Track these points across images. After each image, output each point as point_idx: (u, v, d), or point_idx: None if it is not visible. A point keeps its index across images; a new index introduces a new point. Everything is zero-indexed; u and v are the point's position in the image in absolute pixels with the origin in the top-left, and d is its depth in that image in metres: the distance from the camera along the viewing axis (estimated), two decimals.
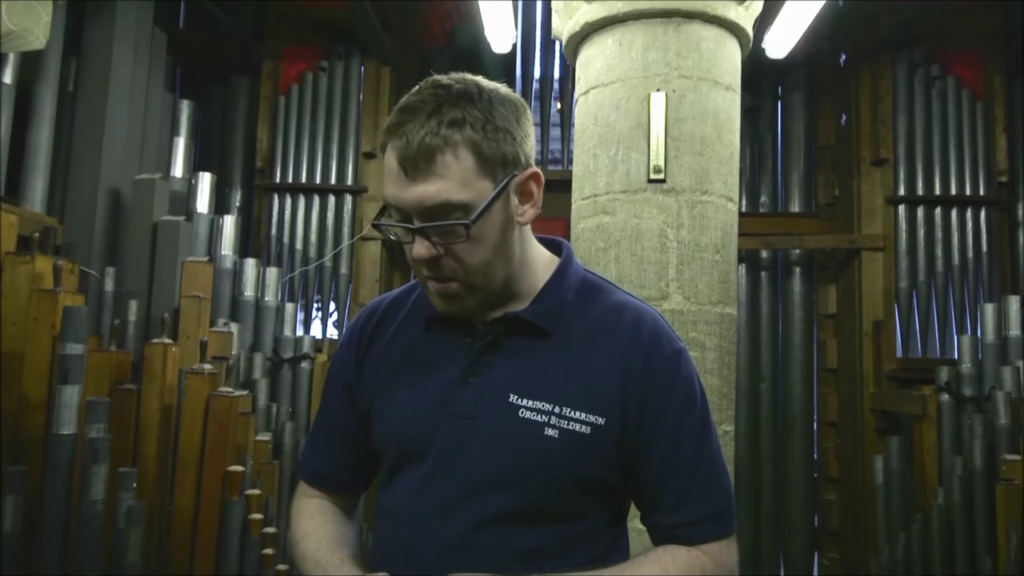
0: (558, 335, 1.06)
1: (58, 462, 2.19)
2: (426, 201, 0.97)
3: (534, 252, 1.11)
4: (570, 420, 1.02)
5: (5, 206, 2.58)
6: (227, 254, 3.30)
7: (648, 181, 2.42)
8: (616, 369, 1.05)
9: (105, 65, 3.21)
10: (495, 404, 1.04)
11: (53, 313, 2.37)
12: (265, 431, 3.11)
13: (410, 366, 1.12)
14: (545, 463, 1.02)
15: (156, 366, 2.58)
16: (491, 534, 1.02)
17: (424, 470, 1.07)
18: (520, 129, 1.02)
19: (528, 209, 1.05)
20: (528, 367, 1.05)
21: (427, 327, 1.12)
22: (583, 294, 1.11)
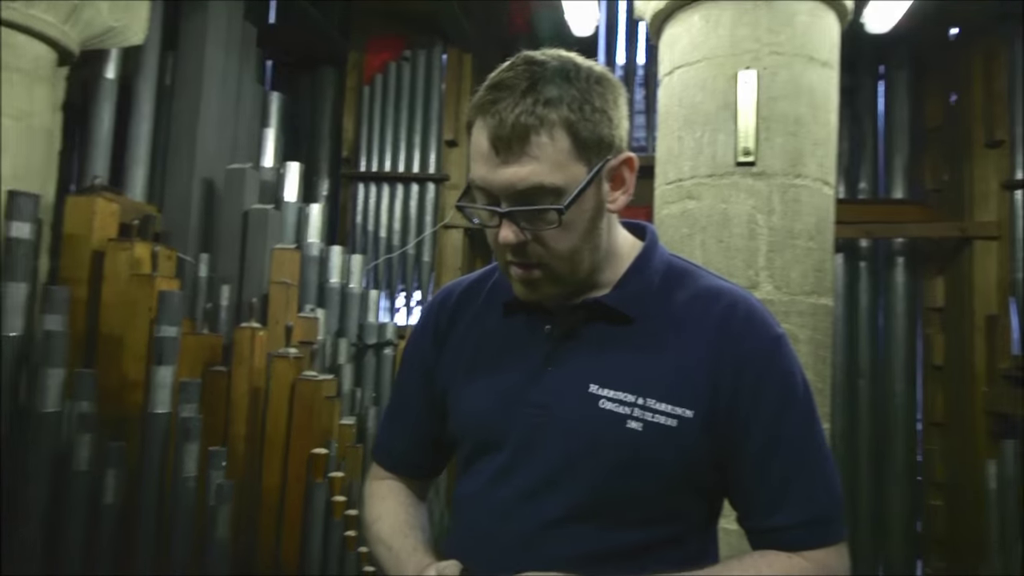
0: (642, 322, 1.00)
1: (153, 439, 2.29)
2: (517, 184, 0.92)
3: (619, 238, 1.06)
4: (655, 412, 0.95)
5: (108, 195, 2.71)
6: (314, 242, 3.38)
7: (736, 164, 2.31)
8: (705, 358, 0.97)
9: (199, 59, 3.33)
10: (574, 394, 0.99)
11: (150, 297, 2.47)
12: (349, 415, 3.17)
13: (487, 354, 1.08)
14: (627, 458, 0.96)
15: (245, 349, 2.66)
16: (567, 531, 0.97)
17: (500, 461, 1.03)
18: (617, 111, 0.97)
19: (619, 196, 0.99)
20: (610, 356, 1.00)
21: (505, 313, 1.08)
22: (669, 279, 1.04)
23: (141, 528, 2.23)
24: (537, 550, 0.97)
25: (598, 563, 0.96)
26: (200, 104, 3.31)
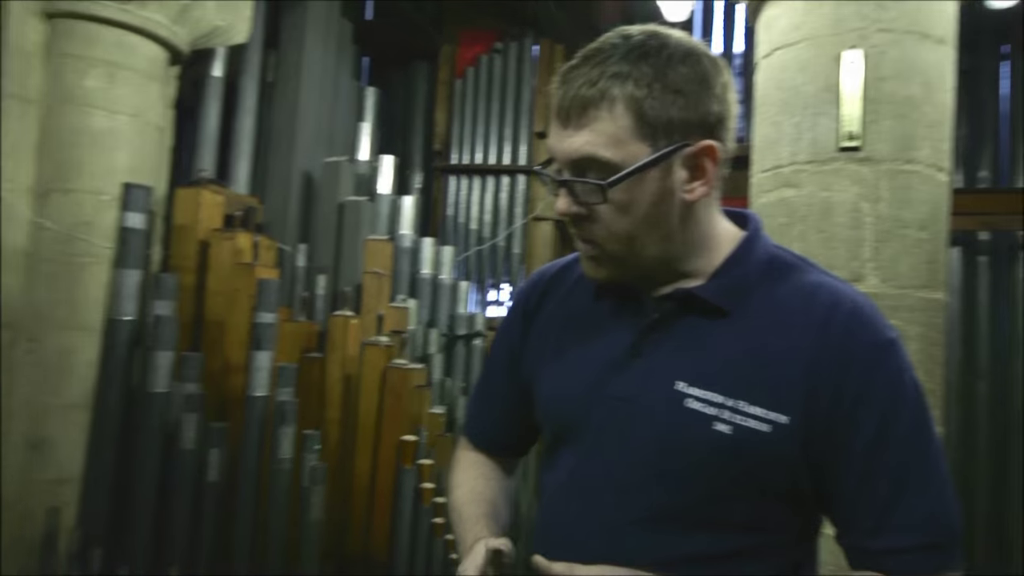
0: (738, 317, 0.93)
1: (253, 421, 2.39)
2: (572, 153, 0.90)
3: (716, 227, 0.98)
4: (747, 416, 0.88)
5: (213, 187, 2.85)
6: (406, 233, 3.44)
7: (839, 149, 2.18)
8: (804, 359, 0.89)
9: (299, 57, 3.44)
10: (658, 390, 0.93)
11: (251, 285, 2.58)
12: (439, 404, 3.21)
13: (572, 339, 1.03)
14: (712, 462, 0.90)
15: (339, 337, 2.74)
16: (645, 533, 0.93)
17: (579, 453, 0.99)
18: (702, 94, 0.89)
19: (698, 186, 0.92)
20: (700, 352, 0.93)
21: (596, 297, 1.03)
22: (770, 272, 0.96)
23: (240, 505, 2.33)
24: (617, 548, 0.94)
25: (678, 567, 0.91)
26: (299, 100, 3.43)
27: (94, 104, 2.61)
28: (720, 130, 0.92)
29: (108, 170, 2.60)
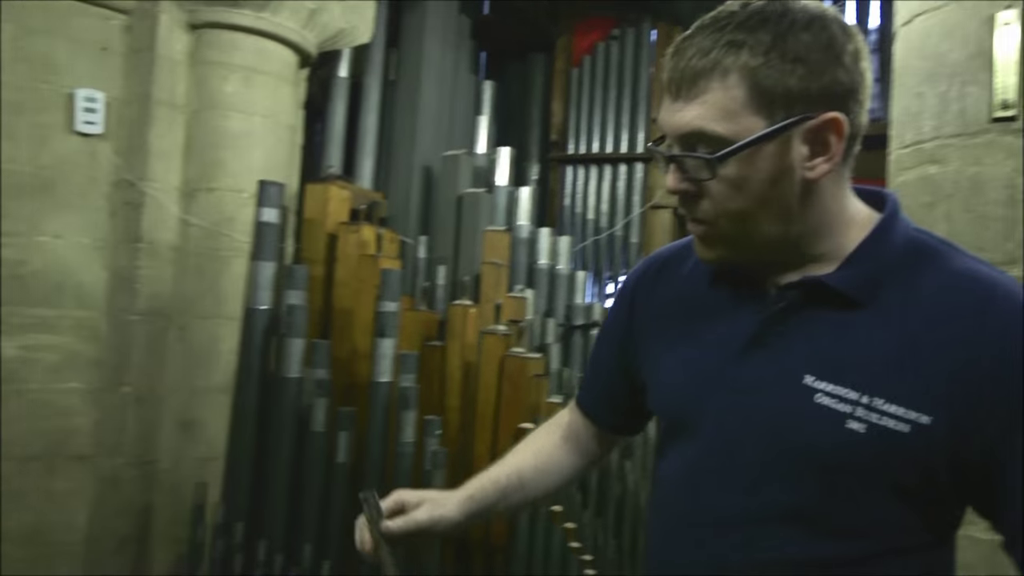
0: (873, 308, 0.85)
1: (377, 406, 2.48)
2: (682, 127, 0.85)
3: (846, 208, 0.90)
4: (883, 415, 0.81)
5: (340, 183, 2.98)
6: (524, 224, 3.46)
7: (991, 120, 1.99)
8: (953, 356, 0.81)
9: (418, 54, 3.54)
10: (785, 384, 0.87)
11: (375, 276, 2.67)
12: (557, 394, 3.21)
13: (688, 327, 0.98)
14: (843, 463, 0.84)
15: (458, 326, 2.79)
16: (765, 533, 0.88)
17: (697, 447, 0.94)
18: (827, 62, 0.82)
19: (820, 163, 0.85)
20: (831, 344, 0.86)
21: (712, 283, 0.97)
22: (911, 259, 0.88)
23: (367, 487, 2.43)
24: (735, 551, 0.89)
25: (800, 570, 0.87)
26: (420, 96, 3.52)
27: (233, 107, 2.79)
28: (849, 102, 0.84)
29: (246, 169, 2.77)
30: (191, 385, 2.74)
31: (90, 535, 2.63)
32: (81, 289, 2.63)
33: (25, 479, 2.54)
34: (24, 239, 2.52)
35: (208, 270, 2.76)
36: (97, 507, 2.65)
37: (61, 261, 2.59)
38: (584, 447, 1.20)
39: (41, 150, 2.54)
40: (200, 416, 2.74)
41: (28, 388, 2.53)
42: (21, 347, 2.52)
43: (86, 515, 2.64)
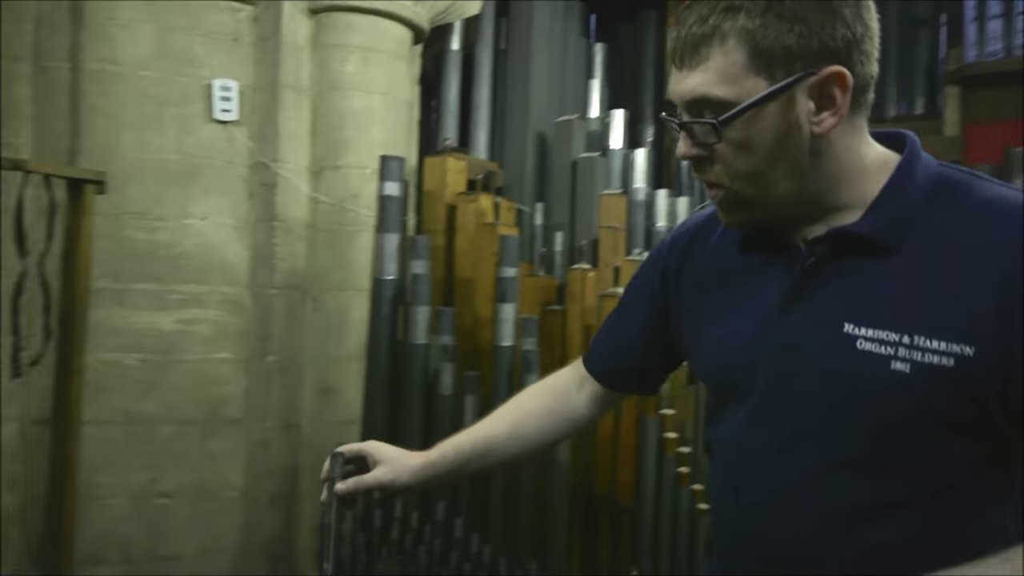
0: (904, 250, 0.86)
1: (501, 370, 2.53)
2: (686, 95, 0.87)
3: (864, 156, 0.91)
4: (925, 351, 0.82)
5: (457, 155, 3.04)
6: (640, 187, 3.41)
7: None
8: (990, 283, 0.81)
9: (528, 22, 3.53)
10: (826, 334, 0.88)
11: (494, 243, 2.72)
12: None
13: (725, 291, 1.00)
14: (892, 404, 0.84)
15: (577, 290, 2.80)
16: (827, 484, 0.88)
17: (748, 408, 0.96)
18: (824, 18, 0.83)
19: (827, 117, 0.86)
20: (866, 290, 0.87)
21: (742, 248, 0.99)
22: (937, 195, 0.88)
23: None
24: (795, 504, 0.90)
25: (864, 515, 0.87)
26: (531, 64, 3.52)
27: (353, 87, 2.91)
28: (852, 54, 0.85)
29: (368, 146, 2.88)
30: (327, 353, 2.91)
31: (246, 492, 2.87)
32: (226, 266, 2.84)
33: (187, 441, 2.79)
34: (175, 222, 2.75)
35: (337, 244, 2.90)
36: (250, 467, 2.87)
37: (208, 241, 2.80)
38: (573, 413, 1.23)
39: (186, 139, 2.75)
40: (337, 382, 2.91)
41: (186, 359, 2.77)
42: (178, 321, 2.76)
43: (241, 474, 2.87)
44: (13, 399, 2.59)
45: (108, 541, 2.67)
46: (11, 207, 2.30)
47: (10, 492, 2.63)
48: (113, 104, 2.64)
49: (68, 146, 2.62)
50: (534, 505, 2.30)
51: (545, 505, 2.26)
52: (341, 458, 1.10)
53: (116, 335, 2.65)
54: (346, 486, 1.09)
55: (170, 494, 2.76)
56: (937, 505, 0.86)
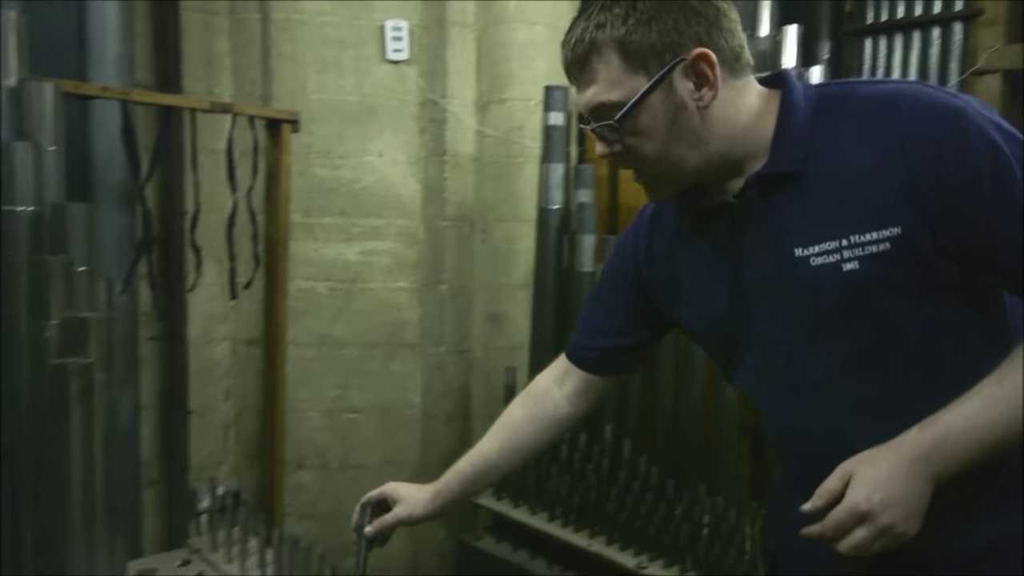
0: (812, 168, 0.99)
1: None
2: (587, 105, 1.01)
3: (751, 109, 1.02)
4: (865, 245, 0.94)
5: None
6: None
7: None
8: (887, 168, 0.94)
9: None
10: (783, 266, 1.00)
11: None
12: None
13: (691, 263, 1.13)
14: (858, 297, 0.96)
15: None
16: (841, 384, 1.01)
17: (753, 352, 1.08)
18: (676, 11, 0.96)
19: (706, 92, 0.98)
20: (797, 215, 1.00)
21: (693, 221, 1.12)
22: (823, 112, 1.00)
23: (660, 375, 2.52)
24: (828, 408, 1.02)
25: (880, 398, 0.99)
26: None
27: (516, 20, 2.92)
28: (712, 33, 0.97)
29: (532, 78, 2.91)
30: (495, 282, 3.03)
31: (423, 411, 3.09)
32: (401, 201, 3.01)
33: (370, 363, 3.04)
34: (356, 160, 2.94)
35: (503, 176, 2.98)
36: (426, 388, 3.09)
37: (384, 177, 2.98)
38: (556, 413, 1.33)
39: (363, 80, 2.91)
40: (505, 310, 3.03)
41: (369, 287, 2.99)
42: (361, 252, 2.98)
43: (419, 394, 3.09)
44: (224, 322, 2.93)
45: (307, 449, 2.99)
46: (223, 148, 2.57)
47: (225, 403, 3.00)
48: (299, 50, 2.84)
49: (261, 92, 2.86)
50: (703, 434, 2.32)
51: (713, 435, 2.27)
52: (368, 508, 1.32)
53: (309, 265, 2.91)
54: (373, 528, 1.30)
55: (358, 410, 3.04)
56: (939, 367, 0.98)
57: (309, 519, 3.00)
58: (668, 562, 2.19)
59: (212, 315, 2.88)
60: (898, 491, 0.89)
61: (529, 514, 2.57)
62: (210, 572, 1.93)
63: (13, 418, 1.54)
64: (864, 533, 0.89)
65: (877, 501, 0.88)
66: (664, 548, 2.20)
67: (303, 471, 3.00)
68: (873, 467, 0.91)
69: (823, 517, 0.92)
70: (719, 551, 2.09)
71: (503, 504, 2.63)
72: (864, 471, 0.91)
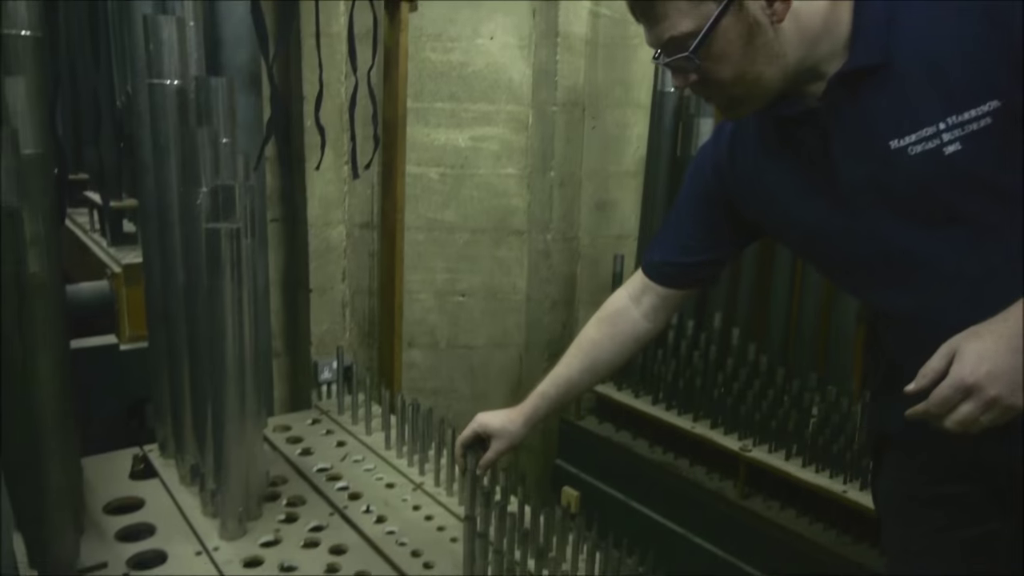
0: (897, 59, 0.98)
1: None
2: (659, 42, 1.01)
3: (823, 11, 1.01)
4: (964, 125, 0.93)
5: None
6: None
7: None
8: (976, 40, 0.92)
9: None
10: (883, 161, 0.99)
11: None
12: None
13: (780, 175, 1.12)
14: (967, 179, 0.96)
15: None
16: (960, 270, 1.00)
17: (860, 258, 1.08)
18: None
19: (778, 5, 0.97)
20: (887, 108, 0.98)
21: (778, 134, 1.10)
22: (898, 4, 0.99)
23: (774, 268, 2.47)
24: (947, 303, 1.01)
25: (1007, 275, 0.97)
26: None
27: None
28: None
29: None
30: (605, 169, 3.00)
31: (529, 296, 3.16)
32: (511, 85, 2.98)
33: (479, 248, 3.11)
34: (467, 43, 2.90)
35: (617, 60, 2.89)
36: (532, 274, 3.14)
37: (495, 61, 2.94)
38: (635, 330, 1.39)
39: None
40: (613, 197, 3.01)
41: (478, 173, 3.02)
42: (471, 138, 2.99)
43: (525, 280, 3.16)
44: (339, 206, 3.04)
45: (418, 329, 3.14)
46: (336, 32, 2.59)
47: (342, 284, 3.16)
48: None
49: None
50: (817, 322, 2.28)
51: (828, 324, 2.23)
52: (473, 453, 1.46)
53: (421, 150, 2.95)
54: (480, 470, 1.43)
55: (466, 293, 3.14)
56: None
57: (419, 394, 3.18)
58: (773, 447, 2.23)
59: (329, 199, 2.99)
60: (1006, 363, 0.87)
61: (633, 396, 2.64)
62: (338, 431, 2.10)
63: (169, 283, 1.69)
64: (970, 407, 0.88)
65: (983, 373, 0.87)
66: (770, 434, 2.23)
67: (414, 349, 3.16)
68: (979, 340, 0.89)
69: (926, 398, 0.91)
70: (827, 438, 2.10)
71: (607, 387, 2.71)
72: (969, 345, 0.89)
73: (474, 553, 1.35)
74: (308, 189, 2.92)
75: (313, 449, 1.97)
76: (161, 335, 1.77)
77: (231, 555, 1.48)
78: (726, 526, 2.27)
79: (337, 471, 1.85)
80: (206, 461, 1.61)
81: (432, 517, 1.65)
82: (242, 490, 1.55)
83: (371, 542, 1.55)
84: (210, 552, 1.49)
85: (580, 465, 2.77)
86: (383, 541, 1.55)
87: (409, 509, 1.69)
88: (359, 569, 1.45)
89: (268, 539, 1.55)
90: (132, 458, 1.86)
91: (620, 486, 2.61)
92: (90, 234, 2.85)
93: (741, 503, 2.26)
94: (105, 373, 2.24)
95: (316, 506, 1.69)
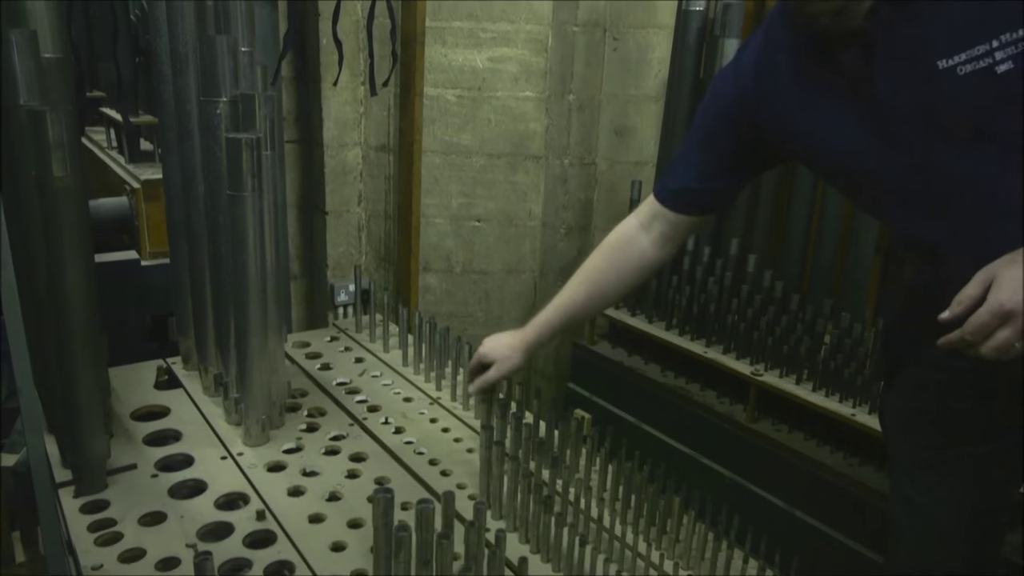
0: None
1: None
2: None
3: None
4: (1017, 42, 0.89)
5: None
6: None
7: None
8: None
9: None
10: (932, 81, 0.95)
11: None
12: None
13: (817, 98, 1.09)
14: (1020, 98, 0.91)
15: None
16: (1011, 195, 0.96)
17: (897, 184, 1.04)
18: None
19: None
20: (935, 26, 0.94)
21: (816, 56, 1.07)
22: None
23: (793, 197, 2.45)
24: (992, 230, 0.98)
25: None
26: None
27: None
28: None
29: None
30: (624, 93, 2.94)
31: (544, 221, 3.15)
32: (531, 5, 2.90)
33: (495, 172, 3.09)
34: None
35: None
36: (548, 199, 3.13)
37: None
38: (642, 259, 1.36)
39: None
40: (632, 123, 2.97)
41: (496, 95, 2.98)
42: (489, 59, 2.93)
43: (540, 205, 3.14)
44: (355, 128, 3.02)
45: (434, 253, 3.14)
46: None
47: (358, 207, 3.15)
48: None
49: None
50: (834, 251, 2.27)
51: (845, 252, 2.22)
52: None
53: (437, 72, 2.90)
54: (475, 388, 1.49)
55: (481, 218, 3.13)
56: None
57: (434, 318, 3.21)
58: (784, 372, 2.25)
59: (345, 120, 2.96)
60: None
61: (646, 322, 2.66)
62: (356, 348, 2.14)
63: (190, 197, 1.69)
64: (1008, 333, 0.87)
65: (1023, 299, 0.86)
66: (781, 359, 2.25)
67: (429, 273, 3.17)
68: (1017, 267, 0.88)
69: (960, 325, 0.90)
70: (839, 363, 2.12)
71: (621, 312, 2.73)
72: (1007, 271, 0.88)
73: (490, 461, 1.39)
74: (324, 110, 2.89)
75: (332, 364, 2.01)
76: (183, 249, 1.78)
77: (255, 460, 1.53)
78: (735, 448, 2.32)
79: (356, 385, 1.89)
80: (229, 371, 1.65)
81: (449, 429, 1.70)
82: (265, 399, 1.60)
83: (390, 451, 1.59)
84: (235, 457, 1.54)
85: (592, 389, 2.81)
86: (401, 450, 1.59)
87: (426, 422, 1.73)
88: (379, 475, 1.50)
89: (290, 446, 1.60)
90: (156, 369, 1.91)
91: (631, 410, 2.66)
92: (107, 151, 2.85)
93: (751, 426, 2.30)
94: (127, 288, 2.28)
95: (336, 417, 1.74)
